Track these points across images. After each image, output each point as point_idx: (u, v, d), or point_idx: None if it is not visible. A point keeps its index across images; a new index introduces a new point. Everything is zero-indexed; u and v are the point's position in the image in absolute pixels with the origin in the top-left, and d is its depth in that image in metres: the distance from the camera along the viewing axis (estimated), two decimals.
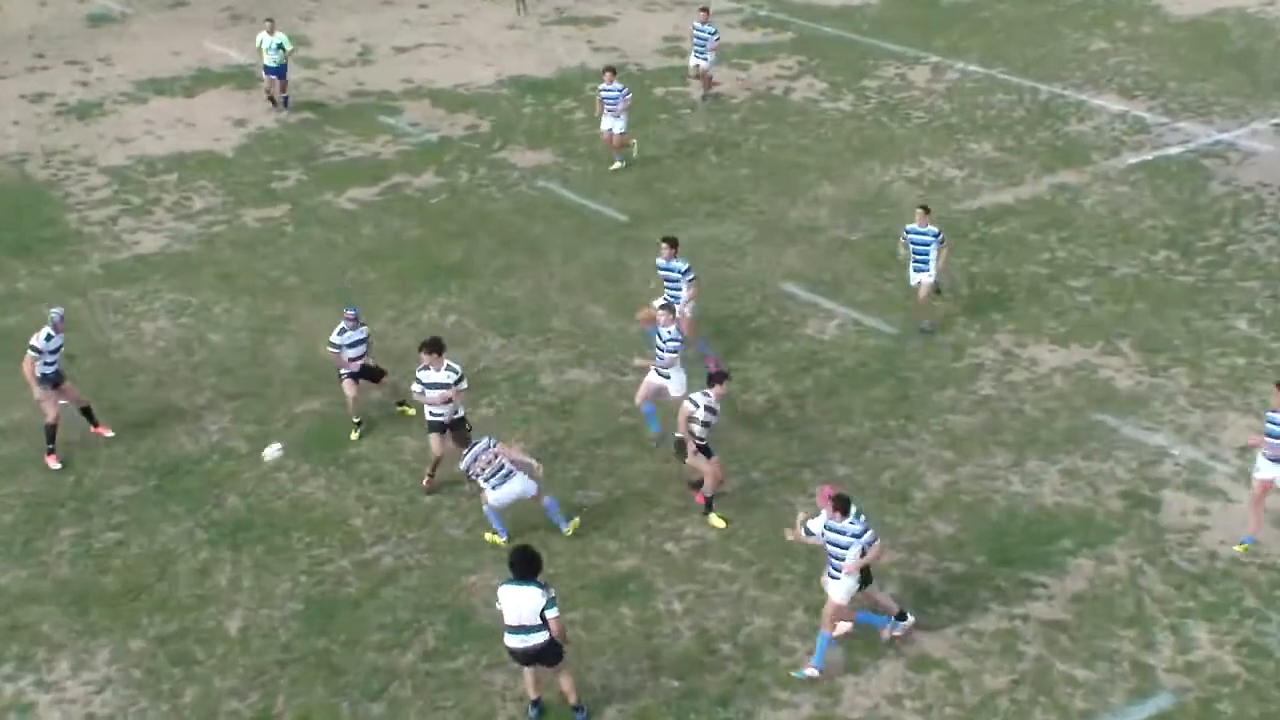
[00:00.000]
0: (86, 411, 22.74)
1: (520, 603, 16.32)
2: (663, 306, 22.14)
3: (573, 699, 17.10)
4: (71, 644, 18.44)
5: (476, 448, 20.00)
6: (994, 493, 20.93)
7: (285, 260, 28.72)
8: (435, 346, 21.05)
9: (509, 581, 16.40)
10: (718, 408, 20.41)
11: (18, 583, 19.58)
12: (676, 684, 17.62)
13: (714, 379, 20.48)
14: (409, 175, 32.64)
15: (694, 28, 36.58)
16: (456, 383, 21.13)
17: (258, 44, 35.97)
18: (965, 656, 17.88)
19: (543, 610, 16.28)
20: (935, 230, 24.94)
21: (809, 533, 17.84)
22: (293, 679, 17.79)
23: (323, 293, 27.29)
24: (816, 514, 17.82)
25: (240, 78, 38.62)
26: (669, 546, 19.90)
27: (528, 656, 16.63)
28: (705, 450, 20.41)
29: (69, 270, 28.38)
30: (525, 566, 16.31)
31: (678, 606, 18.80)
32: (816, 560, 19.48)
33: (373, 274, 28.04)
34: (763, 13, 43.98)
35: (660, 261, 24.11)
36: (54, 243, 29.59)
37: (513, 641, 16.53)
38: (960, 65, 38.68)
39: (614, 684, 17.64)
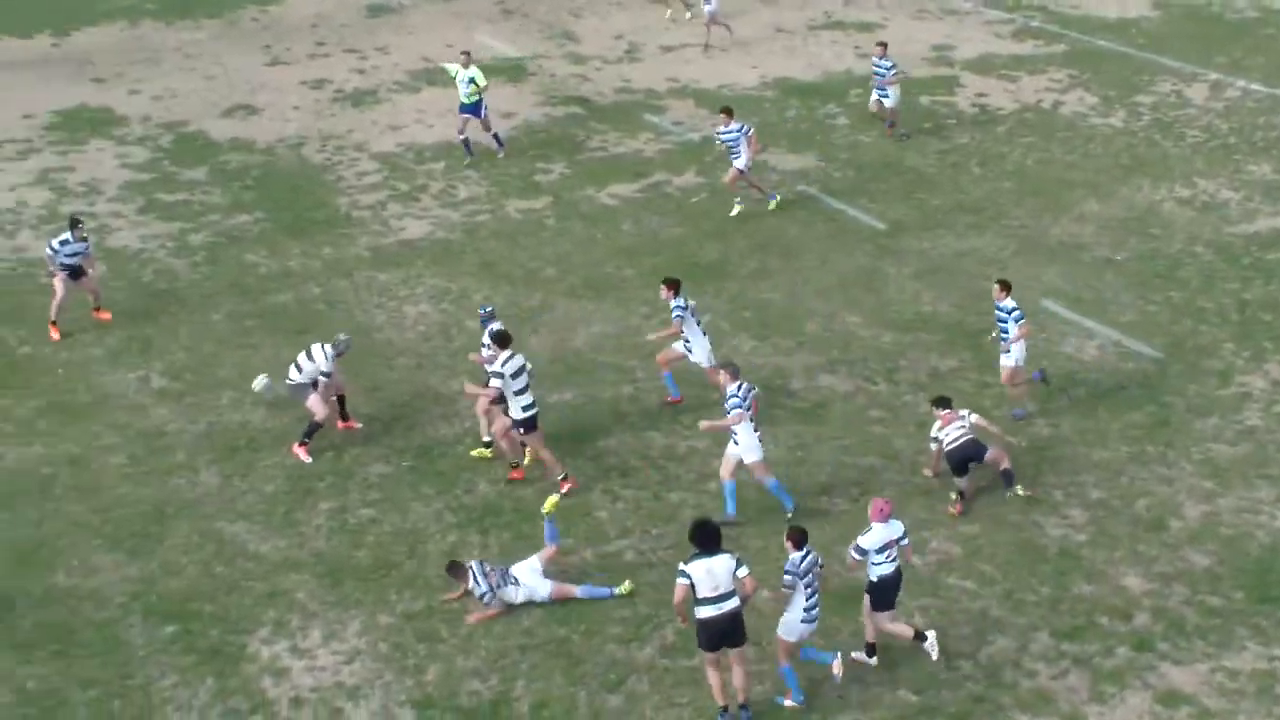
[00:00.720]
0: (340, 401, 23.23)
1: (716, 570, 16.51)
2: (723, 366, 20.97)
3: (742, 697, 17.07)
4: (324, 614, 18.99)
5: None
6: (1256, 527, 20.22)
7: (545, 252, 29.15)
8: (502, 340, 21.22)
9: (698, 556, 16.56)
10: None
11: (277, 551, 20.23)
12: (914, 699, 17.41)
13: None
14: (670, 174, 32.84)
15: (873, 62, 34.83)
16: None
17: (451, 75, 33.77)
18: (1218, 695, 17.30)
19: (735, 571, 16.52)
20: (1012, 306, 22.56)
21: (861, 551, 17.59)
22: (533, 665, 18.04)
23: (579, 286, 27.63)
24: None
25: (509, 71, 39.30)
26: (913, 559, 19.66)
27: (724, 629, 16.63)
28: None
29: (338, 252, 29.22)
30: (713, 537, 16.63)
31: (918, 620, 18.57)
32: (1063, 582, 19.09)
33: (630, 270, 28.27)
34: (1035, 24, 43.19)
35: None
36: (325, 224, 30.50)
37: (710, 612, 16.56)
38: (1241, 83, 37.45)
39: (850, 694, 17.50)
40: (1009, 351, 22.72)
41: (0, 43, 42.37)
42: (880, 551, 17.62)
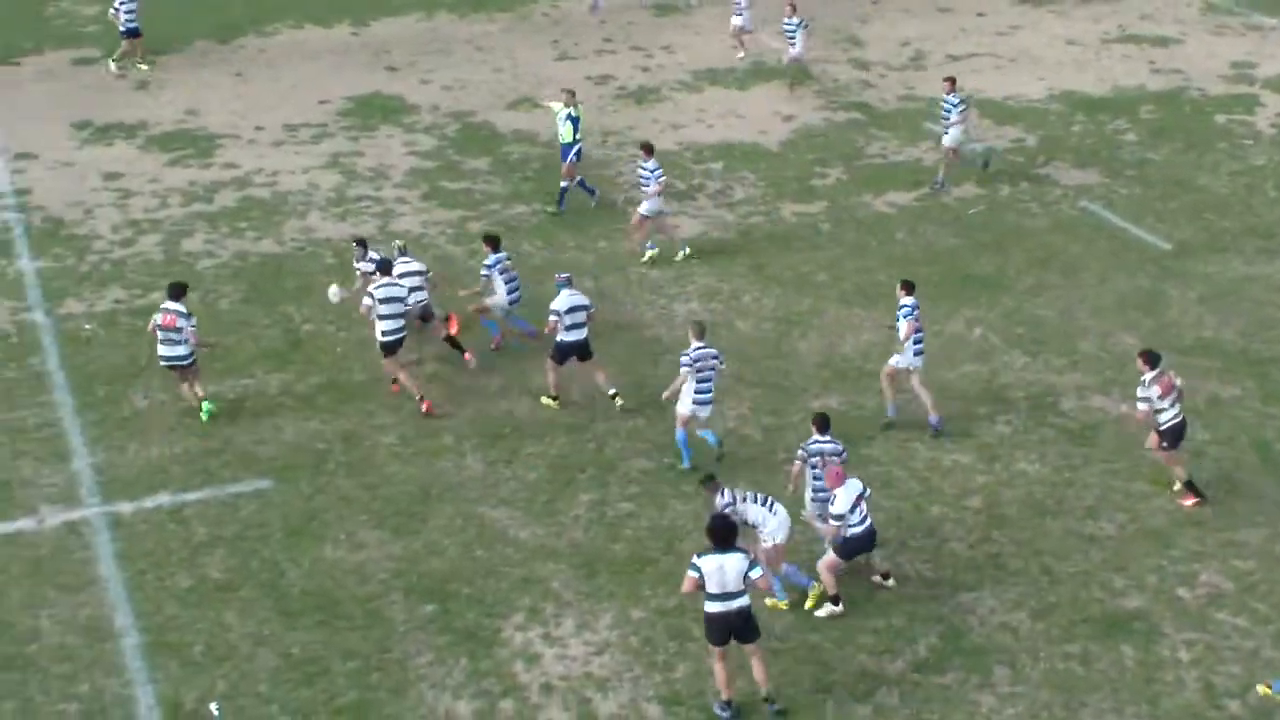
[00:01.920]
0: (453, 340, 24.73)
1: (727, 569, 16.73)
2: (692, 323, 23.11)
3: (764, 687, 17.26)
4: (578, 604, 19.20)
5: None
6: None
7: (818, 257, 29.01)
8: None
9: (710, 552, 16.80)
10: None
11: (535, 538, 20.52)
12: None
13: None
14: (948, 183, 32.38)
15: (941, 100, 32.32)
16: None
17: (554, 113, 31.94)
18: None
19: (746, 573, 16.75)
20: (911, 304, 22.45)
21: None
22: (782, 669, 17.95)
23: (851, 292, 27.43)
24: None
25: (792, 74, 39.18)
26: (1181, 591, 19.02)
27: (733, 625, 16.90)
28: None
29: (612, 245, 29.53)
30: (729, 535, 16.91)
31: (1184, 655, 17.96)
32: None
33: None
34: None
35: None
36: (601, 219, 30.83)
37: (717, 607, 16.82)
38: None
39: None
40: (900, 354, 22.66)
41: (303, 31, 43.88)
42: (853, 510, 18.47)
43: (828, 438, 19.77)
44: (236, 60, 41.24)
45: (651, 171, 28.70)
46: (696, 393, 21.77)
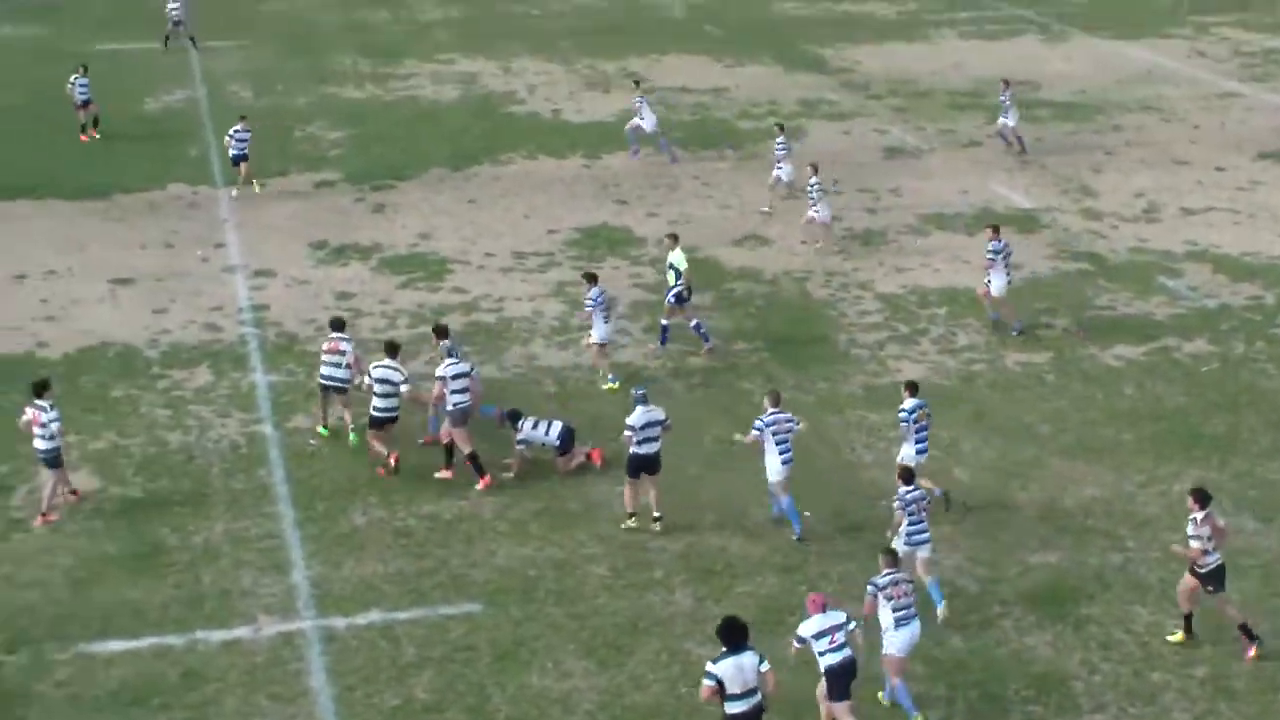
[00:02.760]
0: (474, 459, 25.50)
1: (745, 667, 17.27)
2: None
3: None
4: None
5: None
6: None
7: (1041, 408, 28.47)
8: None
9: (727, 655, 17.26)
10: None
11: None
12: None
13: None
14: (1180, 339, 31.63)
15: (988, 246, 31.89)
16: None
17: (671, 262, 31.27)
18: None
19: (759, 667, 17.35)
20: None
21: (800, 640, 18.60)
22: None
23: (1074, 445, 26.83)
24: None
25: (1021, 221, 38.82)
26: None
27: None
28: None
29: (832, 387, 29.36)
30: (742, 633, 17.44)
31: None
32: None
33: (1128, 435, 27.27)
34: None
35: None
36: (822, 359, 30.72)
37: (740, 708, 17.27)
38: None
39: None
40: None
41: (536, 161, 44.81)
42: (820, 638, 18.44)
43: (913, 486, 21.52)
44: (470, 188, 42.27)
45: (595, 300, 29.08)
46: (780, 454, 23.49)
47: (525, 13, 67.78)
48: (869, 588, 19.46)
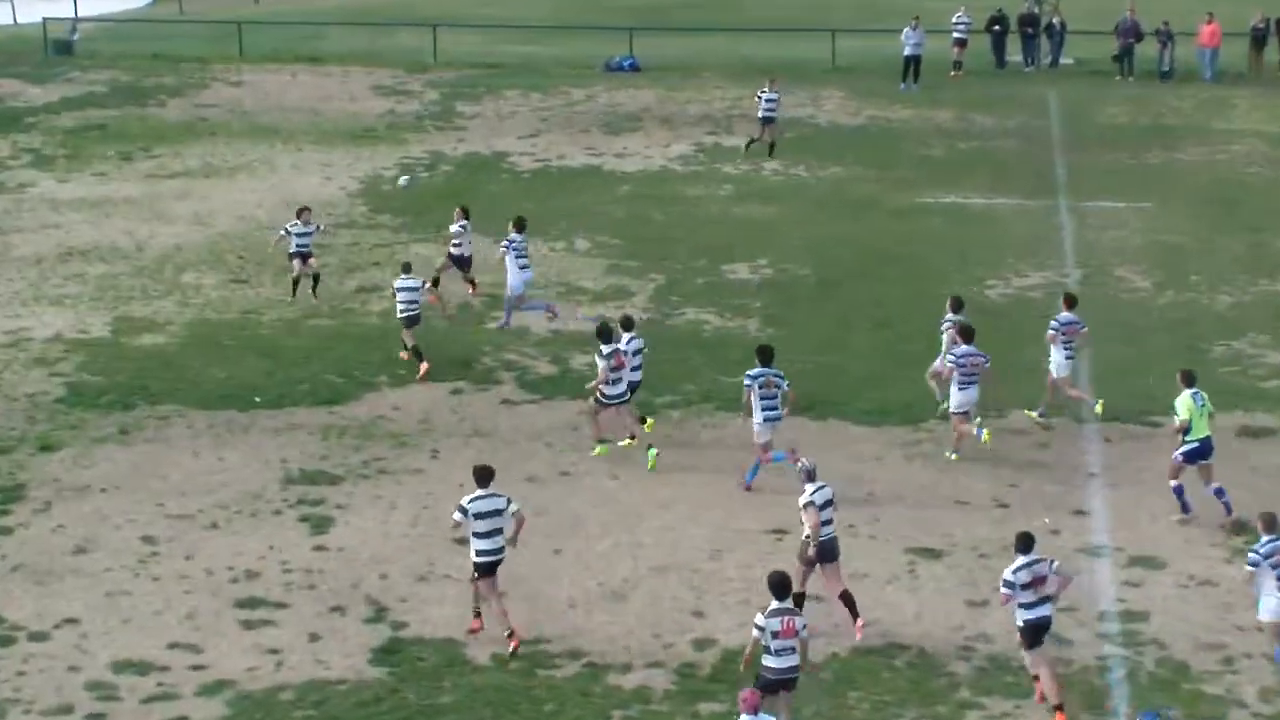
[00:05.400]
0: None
1: (791, 622, 19.32)
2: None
3: None
4: None
5: None
6: None
7: None
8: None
9: (776, 611, 19.29)
10: None
11: None
12: None
13: None
14: None
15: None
16: None
17: None
18: None
19: (801, 629, 19.44)
20: None
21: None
22: None
23: None
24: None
25: None
26: None
27: (786, 680, 19.43)
28: None
29: None
30: (788, 588, 19.71)
31: None
32: None
33: None
34: None
35: None
36: None
37: (781, 662, 19.31)
38: None
39: None
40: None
41: None
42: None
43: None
44: None
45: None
46: (764, 410, 26.28)
47: None
48: (1250, 556, 21.05)
